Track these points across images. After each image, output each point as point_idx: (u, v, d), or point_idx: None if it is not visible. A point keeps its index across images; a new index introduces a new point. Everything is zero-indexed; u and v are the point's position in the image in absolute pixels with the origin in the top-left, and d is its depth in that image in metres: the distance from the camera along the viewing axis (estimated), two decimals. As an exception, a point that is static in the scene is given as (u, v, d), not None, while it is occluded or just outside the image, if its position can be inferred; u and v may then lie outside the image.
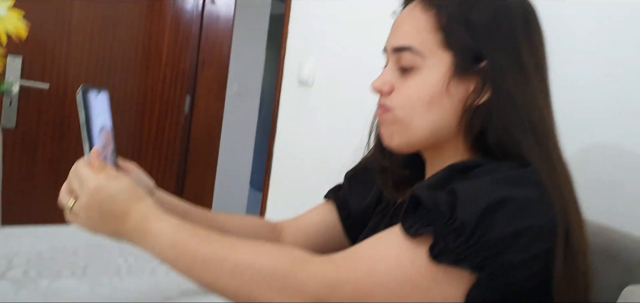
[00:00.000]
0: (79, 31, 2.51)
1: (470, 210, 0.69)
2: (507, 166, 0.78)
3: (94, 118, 0.87)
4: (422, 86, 0.85)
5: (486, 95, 0.82)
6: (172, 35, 2.75)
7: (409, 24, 0.87)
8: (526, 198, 0.72)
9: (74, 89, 2.48)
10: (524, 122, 0.80)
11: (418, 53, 0.85)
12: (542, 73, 0.86)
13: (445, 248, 0.69)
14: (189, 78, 2.86)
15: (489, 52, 0.82)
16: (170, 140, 2.86)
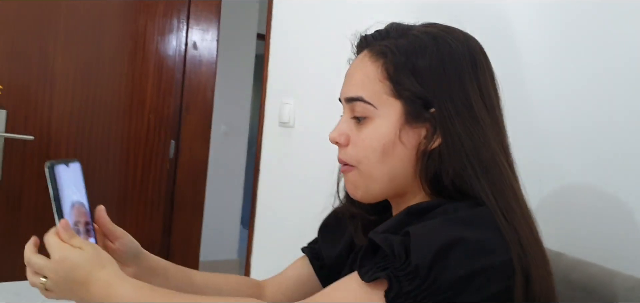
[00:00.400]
0: (62, 80, 2.53)
1: (423, 253, 0.70)
2: (462, 206, 0.80)
3: (64, 192, 0.87)
4: (375, 136, 0.88)
5: (437, 140, 0.85)
6: (156, 81, 2.77)
7: (359, 74, 0.90)
8: (479, 239, 0.74)
9: (59, 139, 2.50)
10: (474, 164, 0.82)
11: (369, 103, 0.88)
12: (493, 114, 0.88)
13: (400, 292, 0.70)
14: (173, 123, 2.87)
15: (437, 99, 0.85)
16: (155, 185, 2.86)
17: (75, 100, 2.57)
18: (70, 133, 2.58)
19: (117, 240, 1.01)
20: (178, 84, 2.85)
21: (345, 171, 0.93)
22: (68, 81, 2.54)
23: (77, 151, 2.59)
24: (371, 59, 0.90)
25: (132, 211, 2.80)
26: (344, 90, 0.93)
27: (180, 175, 2.95)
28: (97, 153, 2.66)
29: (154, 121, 2.79)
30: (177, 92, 2.85)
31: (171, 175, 2.91)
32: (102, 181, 2.69)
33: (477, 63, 0.88)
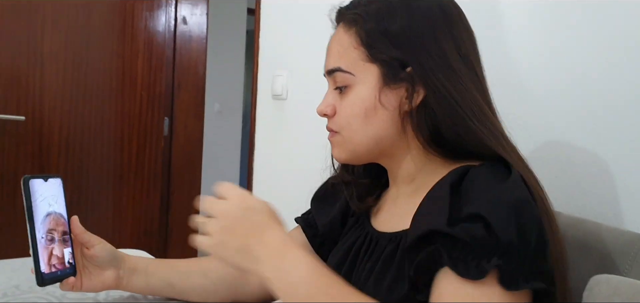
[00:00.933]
0: (51, 61, 2.51)
1: (505, 227, 0.72)
2: (487, 166, 0.82)
3: (38, 204, 0.92)
4: (356, 102, 0.90)
5: (420, 96, 0.86)
6: (146, 59, 2.76)
7: (336, 45, 0.93)
8: (525, 197, 0.77)
9: (51, 120, 2.48)
10: (466, 111, 0.84)
11: (347, 72, 0.90)
12: (471, 65, 0.89)
13: (512, 272, 0.71)
14: (166, 101, 2.86)
15: (412, 57, 0.86)
16: (151, 164, 2.86)
17: (66, 80, 2.55)
18: (63, 113, 2.56)
19: (92, 247, 1.02)
20: (169, 61, 2.84)
21: (332, 140, 0.96)
22: (58, 61, 2.52)
23: (70, 131, 2.59)
24: (345, 28, 0.92)
25: (129, 190, 2.80)
26: (325, 64, 0.96)
27: (176, 153, 2.94)
28: (91, 132, 2.65)
29: (146, 99, 2.78)
30: (168, 69, 2.83)
31: (166, 153, 2.90)
32: (98, 160, 2.69)
33: (450, 18, 0.89)
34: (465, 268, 0.72)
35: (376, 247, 0.93)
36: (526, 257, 0.72)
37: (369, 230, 0.98)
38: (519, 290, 0.71)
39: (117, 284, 1.06)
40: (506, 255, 0.71)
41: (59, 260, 0.96)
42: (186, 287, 1.10)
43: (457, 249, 0.73)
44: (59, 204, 0.97)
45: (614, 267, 0.91)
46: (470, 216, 0.74)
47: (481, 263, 0.71)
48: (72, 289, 0.99)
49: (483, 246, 0.72)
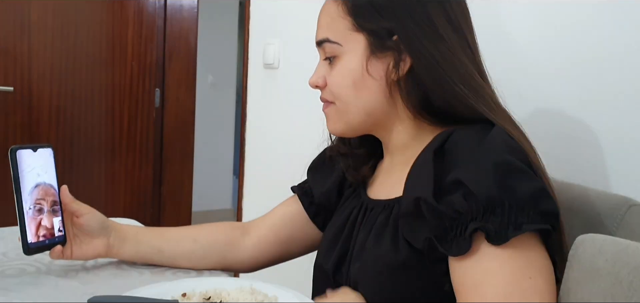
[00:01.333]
0: (39, 31, 2.48)
1: (484, 185, 0.72)
2: (473, 128, 0.82)
3: (25, 174, 0.92)
4: (344, 72, 0.90)
5: (407, 65, 0.86)
6: (136, 28, 2.73)
7: (324, 16, 0.94)
8: (507, 147, 0.77)
9: (40, 91, 2.47)
10: (454, 77, 0.84)
11: (335, 42, 0.91)
12: (462, 35, 0.89)
13: (498, 227, 0.71)
14: (157, 71, 2.84)
15: (398, 24, 0.86)
16: (143, 135, 2.85)
17: (55, 50, 2.53)
18: (53, 83, 2.54)
19: (82, 216, 1.03)
20: (160, 31, 2.81)
21: (325, 109, 0.96)
22: (46, 31, 2.50)
23: (60, 101, 2.57)
24: (333, 0, 0.93)
25: (121, 162, 2.79)
26: (316, 35, 0.95)
27: (168, 124, 2.93)
28: (82, 103, 2.64)
29: (137, 70, 2.76)
30: (159, 39, 2.81)
31: (158, 124, 2.89)
32: (88, 132, 2.68)
33: None
34: (457, 247, 0.73)
35: (370, 215, 0.94)
36: (512, 206, 0.72)
37: (364, 199, 0.98)
38: (507, 240, 0.71)
39: (107, 252, 1.06)
40: (486, 212, 0.72)
41: (48, 229, 0.96)
42: (175, 252, 1.10)
43: (446, 228, 0.74)
44: (48, 174, 0.97)
45: (601, 229, 0.91)
46: (452, 184, 0.75)
47: (464, 234, 0.72)
48: (62, 257, 1.00)
49: (464, 216, 0.73)
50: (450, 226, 0.74)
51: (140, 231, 1.11)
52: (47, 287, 0.97)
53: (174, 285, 0.93)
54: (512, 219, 0.71)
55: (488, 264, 0.72)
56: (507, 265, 0.71)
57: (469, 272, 0.73)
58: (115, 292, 0.91)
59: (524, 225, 0.72)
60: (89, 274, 1.05)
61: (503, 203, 0.71)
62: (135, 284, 0.99)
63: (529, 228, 0.72)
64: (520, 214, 0.72)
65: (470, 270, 0.73)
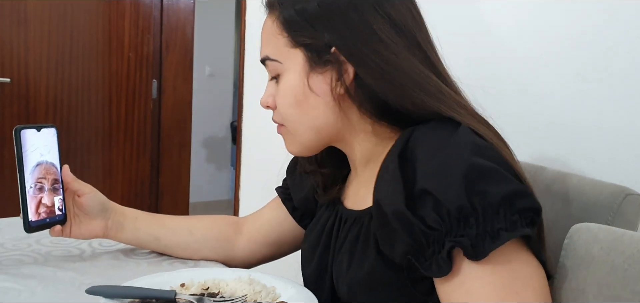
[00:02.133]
0: (35, 23, 2.48)
1: (454, 195, 0.67)
2: (430, 127, 0.77)
3: (29, 154, 0.94)
4: (287, 90, 0.86)
5: (351, 75, 0.82)
6: (133, 19, 2.72)
7: (264, 33, 0.89)
8: (473, 149, 0.71)
9: (37, 82, 2.46)
10: (403, 80, 0.80)
11: (274, 60, 0.86)
12: (410, 34, 0.84)
13: (472, 241, 0.66)
14: (154, 62, 2.83)
15: (334, 35, 0.82)
16: (140, 126, 2.84)
17: (51, 41, 2.52)
18: (49, 74, 2.54)
19: (84, 195, 1.03)
20: (156, 22, 2.81)
21: (279, 131, 0.92)
22: (42, 22, 2.49)
23: (57, 92, 2.56)
24: (268, 15, 0.89)
25: (118, 152, 2.79)
26: (260, 53, 0.91)
27: (165, 115, 2.93)
28: (78, 94, 2.63)
29: (134, 61, 2.75)
30: (156, 30, 2.80)
31: (156, 115, 2.88)
32: (85, 122, 2.68)
33: None
34: (437, 268, 0.68)
35: (344, 227, 0.91)
36: (486, 212, 0.66)
37: (338, 208, 0.96)
38: (486, 255, 0.65)
39: (105, 233, 1.06)
40: (460, 224, 0.67)
41: (48, 208, 0.97)
42: (171, 242, 1.10)
43: (418, 244, 0.69)
44: (51, 154, 0.98)
45: (598, 218, 0.90)
46: (420, 193, 0.70)
47: (441, 253, 0.67)
48: (61, 235, 1.00)
49: (437, 231, 0.68)
50: (426, 244, 0.69)
51: (139, 216, 1.11)
52: (44, 277, 0.97)
53: (172, 276, 0.93)
54: (488, 227, 0.66)
55: (469, 285, 0.67)
56: (489, 284, 0.66)
57: (453, 295, 0.68)
58: (112, 282, 0.91)
59: (501, 233, 0.66)
60: (86, 264, 1.05)
61: (476, 211, 0.66)
62: (133, 274, 0.99)
63: (508, 237, 0.66)
64: (495, 219, 0.66)
65: (453, 293, 0.68)
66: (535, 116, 1.20)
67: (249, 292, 0.88)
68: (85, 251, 1.12)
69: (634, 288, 0.63)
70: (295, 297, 0.87)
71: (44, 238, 1.14)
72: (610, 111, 1.08)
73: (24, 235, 0.98)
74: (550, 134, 1.17)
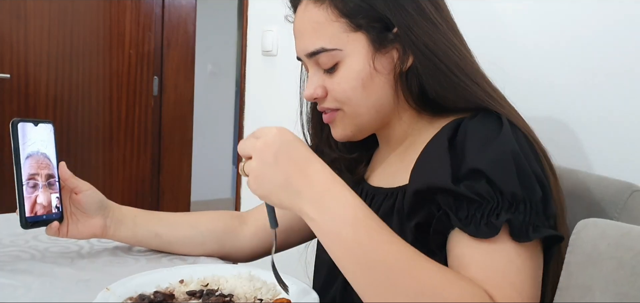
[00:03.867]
0: (36, 18, 2.47)
1: (508, 179, 0.72)
2: (479, 118, 0.80)
3: (26, 148, 0.92)
4: (352, 75, 0.85)
5: (410, 58, 0.84)
6: (134, 16, 2.71)
7: (310, 25, 0.87)
8: (521, 146, 0.77)
9: (37, 78, 2.45)
10: (451, 67, 0.82)
11: (333, 49, 0.85)
12: (443, 13, 0.87)
13: (521, 224, 0.71)
14: (155, 59, 2.82)
15: (393, 14, 0.83)
16: (141, 123, 2.83)
17: (52, 37, 2.51)
18: (50, 70, 2.53)
19: (81, 192, 1.01)
20: (158, 19, 2.80)
21: (330, 118, 0.90)
22: (42, 17, 2.48)
23: (57, 89, 2.55)
24: (315, 5, 0.86)
25: (119, 150, 2.78)
26: (300, 47, 0.90)
27: (166, 113, 2.92)
28: (79, 90, 2.62)
29: (135, 57, 2.74)
30: (157, 27, 2.79)
31: (157, 113, 2.87)
32: (86, 119, 2.66)
33: None
34: (476, 228, 0.71)
35: (372, 202, 0.91)
36: (532, 207, 0.72)
37: (364, 186, 0.96)
38: (530, 240, 0.71)
39: (103, 232, 1.04)
40: (512, 207, 0.71)
41: (44, 206, 0.95)
42: (173, 237, 1.08)
43: (463, 208, 0.72)
44: (48, 149, 0.97)
45: (604, 214, 0.90)
46: (471, 172, 0.73)
47: (490, 221, 0.71)
48: (58, 234, 0.98)
49: (489, 203, 0.71)
50: (469, 208, 0.72)
51: (138, 214, 1.09)
52: (41, 273, 0.95)
53: (171, 272, 0.92)
54: (532, 220, 0.72)
55: (512, 257, 0.70)
56: (528, 264, 0.71)
57: (491, 257, 0.71)
58: (111, 278, 0.90)
59: (541, 228, 0.72)
60: (84, 261, 1.03)
61: (525, 202, 0.72)
62: (132, 271, 0.97)
63: (546, 232, 0.72)
64: (536, 216, 0.72)
65: (492, 256, 0.71)
66: (542, 110, 1.19)
67: (249, 289, 0.87)
68: (83, 247, 1.10)
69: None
70: (297, 294, 0.85)
71: (42, 235, 1.13)
72: (618, 106, 1.07)
73: (21, 231, 0.96)
74: (558, 129, 1.16)
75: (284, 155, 0.72)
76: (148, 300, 0.81)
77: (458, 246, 0.74)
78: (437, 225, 0.75)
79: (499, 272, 0.70)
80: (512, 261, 0.71)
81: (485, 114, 0.81)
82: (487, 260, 0.71)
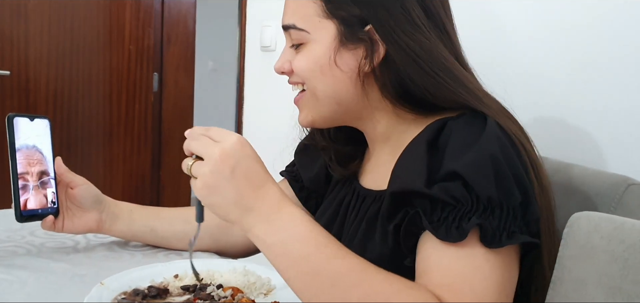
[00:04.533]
0: (36, 14, 2.47)
1: (484, 184, 0.70)
2: (463, 120, 0.79)
3: (21, 143, 0.93)
4: (310, 59, 0.85)
5: (381, 55, 0.82)
6: (134, 11, 2.71)
7: (292, 0, 0.88)
8: (504, 149, 0.74)
9: (37, 75, 2.45)
10: (432, 66, 0.80)
11: (301, 29, 0.85)
12: (440, 24, 0.85)
13: (493, 229, 0.70)
14: (155, 55, 2.82)
15: (372, 12, 0.82)
16: (141, 120, 2.83)
17: (52, 34, 2.51)
18: (50, 67, 2.53)
19: (77, 187, 1.01)
20: (157, 15, 2.79)
21: (297, 101, 0.91)
22: (42, 14, 2.48)
23: (57, 85, 2.55)
24: None
25: (118, 146, 2.78)
26: (282, 19, 0.90)
27: (166, 109, 2.92)
28: (79, 87, 2.62)
29: (134, 53, 2.74)
30: (157, 22, 2.79)
31: (157, 109, 2.87)
32: (86, 116, 2.67)
33: None
34: (446, 231, 0.70)
35: (362, 205, 0.91)
36: (509, 212, 0.71)
37: (356, 187, 0.96)
38: (502, 246, 0.69)
39: (98, 227, 1.04)
40: (486, 211, 0.70)
41: (39, 202, 0.95)
42: (168, 232, 1.09)
43: (436, 211, 0.71)
44: (44, 145, 0.97)
45: (600, 208, 0.90)
46: (448, 175, 0.72)
47: (461, 224, 0.69)
48: (53, 229, 0.98)
49: (463, 206, 0.70)
50: (443, 211, 0.71)
51: (134, 209, 1.09)
52: (36, 268, 0.95)
53: (166, 267, 0.92)
54: (507, 225, 0.70)
55: (479, 263, 0.69)
56: (497, 271, 0.70)
57: (456, 262, 0.70)
58: (106, 273, 0.90)
59: (516, 234, 0.71)
60: (80, 255, 1.04)
61: (501, 206, 0.70)
62: (127, 266, 0.97)
63: (520, 239, 0.71)
64: (513, 221, 0.71)
65: (458, 261, 0.70)
66: (538, 105, 1.19)
67: (243, 283, 0.87)
68: (79, 242, 1.10)
69: (635, 277, 0.62)
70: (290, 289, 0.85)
71: (38, 230, 1.12)
72: (613, 100, 1.07)
73: (18, 226, 0.97)
74: (554, 124, 1.16)
75: (241, 171, 0.71)
76: (142, 294, 0.82)
77: (426, 248, 0.73)
78: (409, 226, 0.74)
79: (461, 277, 0.69)
80: (478, 267, 0.69)
81: (471, 116, 0.80)
82: (452, 265, 0.70)
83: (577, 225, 0.70)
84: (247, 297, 0.83)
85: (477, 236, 0.69)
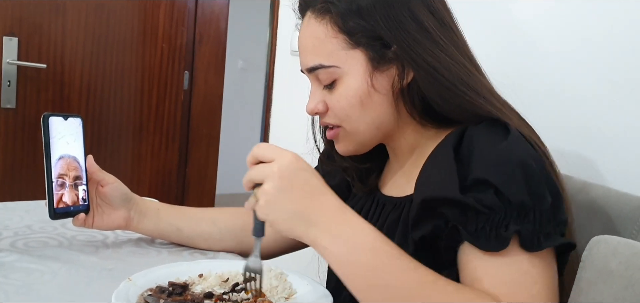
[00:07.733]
0: (74, 10, 2.52)
1: (516, 189, 0.71)
2: (484, 127, 0.80)
3: (56, 142, 0.96)
4: (349, 93, 0.86)
5: (410, 74, 0.84)
6: (168, 10, 2.75)
7: (311, 40, 0.87)
8: (529, 153, 0.77)
9: (72, 68, 2.51)
10: (453, 80, 0.82)
11: (331, 66, 0.85)
12: (449, 29, 0.87)
13: (532, 233, 0.71)
14: (187, 54, 2.86)
15: (392, 33, 0.83)
16: (170, 116, 2.87)
17: (88, 29, 2.56)
18: (84, 62, 2.58)
19: (107, 185, 1.04)
20: (191, 14, 2.83)
21: (333, 135, 0.92)
22: (80, 10, 2.54)
23: (91, 80, 2.61)
24: (316, 19, 0.86)
25: (148, 142, 2.83)
26: (302, 61, 0.91)
27: (195, 107, 2.95)
28: (112, 82, 2.67)
29: (167, 51, 2.78)
30: (190, 22, 2.83)
31: (186, 107, 2.91)
32: (117, 110, 2.72)
33: None
34: (486, 241, 0.71)
35: (382, 211, 0.93)
36: (542, 215, 0.72)
37: (376, 195, 0.98)
38: (542, 249, 0.71)
39: (127, 224, 1.08)
40: (521, 217, 0.71)
41: (71, 200, 0.99)
42: (194, 232, 1.11)
43: (472, 221, 0.72)
44: (77, 143, 1.00)
45: (621, 231, 0.89)
46: (477, 182, 0.73)
47: (500, 233, 0.70)
48: (84, 225, 1.02)
49: (497, 214, 0.71)
50: (478, 220, 0.72)
51: (161, 208, 1.12)
52: (67, 260, 0.99)
53: (191, 266, 0.95)
54: (542, 228, 0.72)
55: (526, 268, 0.71)
56: (544, 273, 0.71)
57: (505, 270, 0.71)
58: (133, 268, 0.93)
59: (552, 235, 0.72)
60: (109, 250, 1.07)
61: (534, 210, 0.71)
62: (153, 262, 1.00)
63: (557, 241, 0.73)
64: (547, 224, 0.72)
65: (506, 268, 0.71)
66: (563, 121, 1.18)
67: (265, 286, 0.89)
68: (108, 237, 1.14)
69: (651, 304, 0.62)
70: (310, 294, 0.87)
71: (70, 224, 1.16)
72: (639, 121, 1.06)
73: (51, 218, 0.99)
74: (578, 141, 1.15)
75: (298, 183, 0.72)
76: (167, 292, 0.84)
77: (470, 260, 0.74)
78: (448, 240, 0.76)
79: (514, 284, 0.70)
80: (526, 273, 0.71)
81: (490, 122, 0.81)
82: (500, 273, 0.71)
83: (596, 248, 0.70)
84: (268, 300, 0.85)
85: (517, 243, 0.71)
